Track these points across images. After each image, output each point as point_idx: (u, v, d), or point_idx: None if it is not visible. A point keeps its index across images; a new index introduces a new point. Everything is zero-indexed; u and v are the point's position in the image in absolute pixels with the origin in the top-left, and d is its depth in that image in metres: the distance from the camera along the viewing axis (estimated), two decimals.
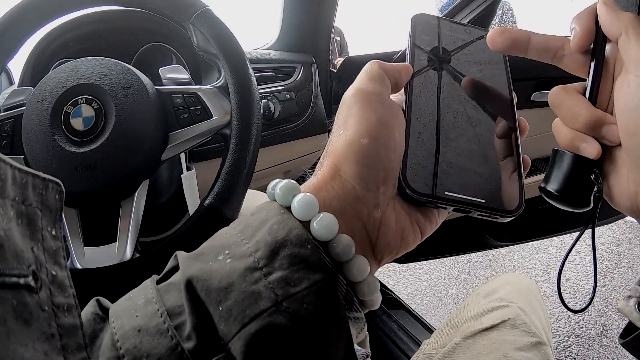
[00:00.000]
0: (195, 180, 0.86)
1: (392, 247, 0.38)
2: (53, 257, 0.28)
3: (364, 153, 0.37)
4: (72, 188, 0.68)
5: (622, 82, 0.37)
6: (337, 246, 0.34)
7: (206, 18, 0.78)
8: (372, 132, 0.38)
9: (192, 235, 0.69)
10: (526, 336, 0.82)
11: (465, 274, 2.48)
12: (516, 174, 0.41)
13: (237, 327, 0.30)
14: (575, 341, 2.00)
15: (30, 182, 0.27)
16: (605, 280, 2.33)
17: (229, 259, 0.33)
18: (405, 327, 1.38)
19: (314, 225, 0.34)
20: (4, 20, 0.79)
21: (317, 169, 0.40)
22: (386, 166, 0.37)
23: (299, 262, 0.32)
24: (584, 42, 0.39)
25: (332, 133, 0.40)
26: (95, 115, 0.70)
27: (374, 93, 0.40)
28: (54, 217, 0.29)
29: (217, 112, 0.74)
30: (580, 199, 0.39)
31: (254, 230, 0.34)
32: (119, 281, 0.67)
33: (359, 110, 0.39)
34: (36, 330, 0.24)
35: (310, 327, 0.30)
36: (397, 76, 0.42)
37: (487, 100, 0.44)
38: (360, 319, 0.37)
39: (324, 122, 1.30)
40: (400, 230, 0.39)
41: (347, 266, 0.35)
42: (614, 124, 0.37)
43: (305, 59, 1.28)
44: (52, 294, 0.26)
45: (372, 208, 0.37)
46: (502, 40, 0.41)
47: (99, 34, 1.15)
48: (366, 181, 0.37)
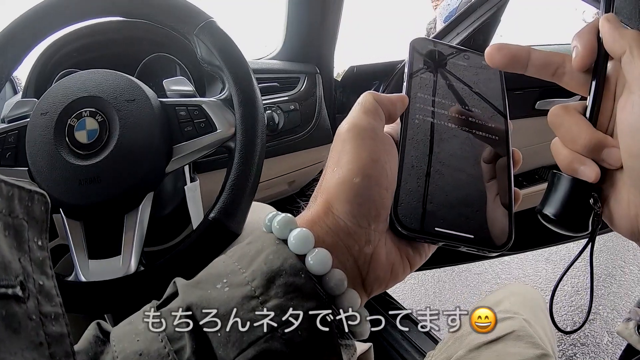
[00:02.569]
0: (199, 192, 0.86)
1: (382, 281, 0.39)
2: (40, 267, 0.29)
3: (355, 192, 0.37)
4: (77, 201, 0.68)
5: (626, 101, 0.36)
6: (330, 280, 0.35)
7: (210, 30, 0.78)
8: (365, 171, 0.38)
9: (197, 249, 0.69)
10: (531, 348, 0.82)
11: (470, 282, 2.47)
12: (508, 208, 0.41)
13: (235, 352, 0.31)
14: (581, 350, 1.99)
15: (16, 194, 0.28)
16: (612, 288, 2.32)
17: (226, 287, 0.34)
18: (409, 337, 1.38)
19: (309, 260, 0.35)
20: (8, 31, 0.79)
21: (311, 201, 0.41)
22: (378, 204, 0.38)
23: (293, 291, 0.33)
24: (586, 60, 0.38)
25: (326, 169, 0.41)
26: (100, 128, 0.70)
27: (368, 128, 0.40)
28: (40, 228, 0.30)
29: (222, 124, 0.74)
30: (578, 224, 0.39)
31: (250, 259, 0.36)
32: (124, 294, 0.67)
33: (352, 148, 0.39)
34: (25, 339, 0.25)
35: (304, 353, 0.32)
36: (392, 108, 0.42)
37: (483, 132, 0.44)
38: (350, 346, 0.38)
39: (329, 132, 1.30)
40: (391, 264, 0.39)
41: (339, 299, 0.36)
42: (614, 147, 0.37)
43: (309, 69, 1.28)
44: (39, 304, 0.27)
45: (363, 244, 0.38)
46: (500, 57, 0.41)
47: (102, 45, 1.15)
48: (358, 218, 0.37)
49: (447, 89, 0.45)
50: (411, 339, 1.36)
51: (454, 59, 0.47)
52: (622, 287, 2.31)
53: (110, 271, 0.69)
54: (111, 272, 0.69)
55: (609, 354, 1.96)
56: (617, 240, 2.58)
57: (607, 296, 2.26)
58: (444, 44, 0.48)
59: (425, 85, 0.45)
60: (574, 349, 2.00)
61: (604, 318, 2.13)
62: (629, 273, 2.37)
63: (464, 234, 0.39)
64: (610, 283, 2.34)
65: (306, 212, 0.39)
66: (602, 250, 2.49)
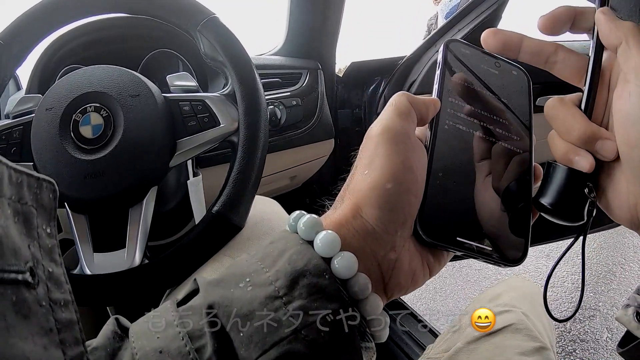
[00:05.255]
0: (201, 187, 0.87)
1: (402, 287, 0.39)
2: (49, 254, 0.29)
3: (387, 198, 0.37)
4: (81, 195, 0.69)
5: (622, 91, 0.37)
6: (355, 285, 0.35)
7: (213, 26, 0.78)
8: (397, 177, 0.37)
9: (201, 242, 0.70)
10: (529, 341, 0.82)
11: (470, 278, 2.47)
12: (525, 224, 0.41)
13: (257, 352, 0.31)
14: (580, 346, 1.99)
15: (25, 181, 0.28)
16: (612, 284, 2.32)
17: (250, 287, 0.34)
18: (409, 331, 1.39)
19: (335, 264, 0.35)
20: (12, 28, 0.80)
21: (337, 201, 0.40)
22: (406, 211, 0.38)
23: (316, 292, 0.33)
24: (548, 22, 0.40)
25: (356, 168, 0.40)
26: (104, 123, 0.71)
27: (401, 132, 0.39)
28: (48, 215, 0.30)
29: (225, 119, 0.75)
30: (573, 213, 0.39)
31: (273, 259, 0.35)
32: (129, 287, 0.68)
33: (384, 152, 0.38)
34: (35, 325, 0.25)
35: (327, 354, 0.31)
36: (424, 111, 0.41)
37: (509, 142, 0.44)
38: (370, 348, 0.38)
39: (330, 127, 1.30)
40: (412, 271, 0.39)
41: (361, 303, 0.36)
42: (608, 139, 0.37)
43: (311, 65, 1.29)
44: (49, 290, 0.27)
45: (388, 249, 0.37)
46: (494, 41, 0.42)
47: (106, 41, 1.16)
48: (386, 224, 0.37)
49: (477, 97, 0.44)
50: (411, 333, 1.37)
51: (486, 66, 0.46)
52: (622, 283, 2.31)
53: (115, 264, 0.70)
54: (116, 265, 0.69)
55: (608, 350, 1.96)
56: (618, 237, 2.58)
57: (607, 292, 2.26)
58: (478, 49, 0.47)
59: (456, 90, 0.44)
60: (574, 345, 2.00)
61: (604, 314, 2.13)
62: (629, 270, 2.37)
63: (483, 246, 0.39)
64: (611, 280, 2.34)
65: (332, 213, 0.39)
66: (602, 247, 2.49)
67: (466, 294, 2.35)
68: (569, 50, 0.42)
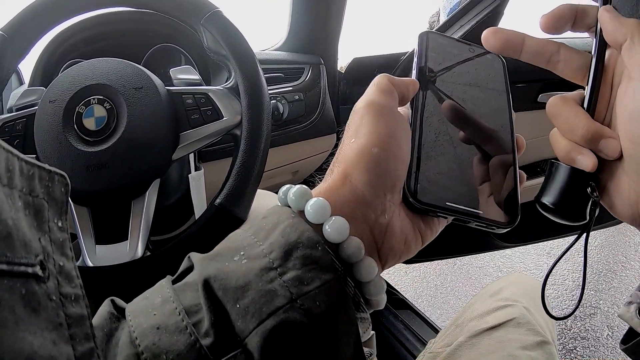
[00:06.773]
0: (202, 181, 0.87)
1: (396, 252, 0.40)
2: (60, 248, 0.28)
3: (374, 161, 0.38)
4: (84, 187, 0.69)
5: (626, 88, 0.37)
6: (347, 248, 0.36)
7: (217, 19, 0.78)
8: (383, 143, 0.39)
9: (203, 235, 0.70)
10: (531, 335, 0.83)
11: (472, 275, 2.47)
12: (513, 187, 0.42)
13: (254, 323, 0.31)
14: (580, 343, 1.99)
15: (36, 173, 0.28)
16: (613, 283, 2.32)
17: (244, 260, 0.34)
18: (411, 326, 1.39)
19: (327, 228, 0.35)
20: (15, 22, 0.80)
21: (327, 174, 0.41)
22: (393, 175, 0.39)
23: (310, 263, 0.33)
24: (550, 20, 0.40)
25: (343, 141, 0.41)
26: (107, 115, 0.71)
27: (385, 105, 0.41)
28: (60, 208, 0.30)
29: (228, 112, 0.75)
30: (575, 213, 0.39)
31: (267, 232, 0.36)
32: (131, 279, 0.68)
33: (370, 121, 0.40)
34: (44, 319, 0.24)
35: (323, 323, 0.32)
36: (405, 90, 0.44)
37: (487, 116, 0.45)
38: (366, 319, 0.39)
39: (332, 122, 1.30)
40: (404, 236, 0.40)
41: (356, 267, 0.36)
42: (611, 138, 0.37)
43: (314, 60, 1.29)
44: (59, 284, 0.27)
45: (379, 214, 0.38)
46: (495, 40, 0.43)
47: (108, 35, 1.16)
48: (375, 188, 0.38)
49: (453, 75, 0.47)
50: (413, 328, 1.37)
51: (459, 50, 0.49)
52: (623, 282, 2.31)
53: (117, 256, 0.70)
54: (118, 257, 0.70)
55: (609, 347, 1.97)
56: (619, 235, 2.58)
57: (608, 291, 2.26)
58: (450, 37, 0.50)
59: (433, 71, 0.46)
60: (575, 342, 2.00)
61: (605, 313, 2.13)
62: (630, 268, 2.37)
63: (473, 210, 0.40)
64: (612, 278, 2.34)
65: (322, 184, 0.40)
66: (603, 246, 2.49)
67: (467, 291, 2.35)
68: (571, 48, 0.42)
